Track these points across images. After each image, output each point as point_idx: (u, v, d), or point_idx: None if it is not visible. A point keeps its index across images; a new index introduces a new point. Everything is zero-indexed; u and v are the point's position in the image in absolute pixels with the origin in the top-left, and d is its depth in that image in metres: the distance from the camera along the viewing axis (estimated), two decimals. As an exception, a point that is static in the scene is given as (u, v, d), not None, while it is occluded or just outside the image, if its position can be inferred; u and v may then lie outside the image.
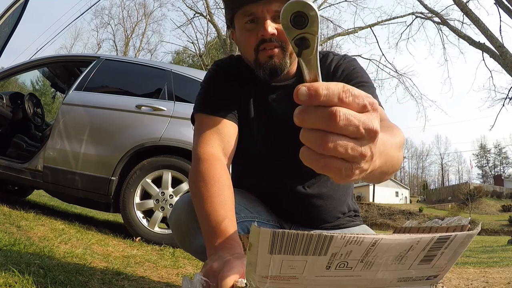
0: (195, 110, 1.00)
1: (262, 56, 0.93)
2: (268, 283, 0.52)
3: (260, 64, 0.94)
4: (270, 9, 0.90)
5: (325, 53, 1.06)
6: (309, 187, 1.07)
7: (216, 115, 0.96)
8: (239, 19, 0.94)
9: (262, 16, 0.91)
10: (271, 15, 0.91)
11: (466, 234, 0.55)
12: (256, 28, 0.92)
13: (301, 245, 0.47)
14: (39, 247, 1.69)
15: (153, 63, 3.51)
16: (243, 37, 0.95)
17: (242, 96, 1.02)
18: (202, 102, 1.00)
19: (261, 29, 0.91)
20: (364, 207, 34.26)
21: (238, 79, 1.03)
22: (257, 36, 0.92)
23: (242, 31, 0.95)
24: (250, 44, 0.94)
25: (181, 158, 2.81)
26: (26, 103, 3.72)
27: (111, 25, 31.15)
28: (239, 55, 1.09)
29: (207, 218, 0.78)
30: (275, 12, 0.91)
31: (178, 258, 2.27)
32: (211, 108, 0.97)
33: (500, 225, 28.00)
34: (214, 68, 1.06)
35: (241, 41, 0.97)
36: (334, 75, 0.99)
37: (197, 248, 0.96)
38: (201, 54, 19.51)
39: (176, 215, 0.99)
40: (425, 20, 13.44)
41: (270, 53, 0.92)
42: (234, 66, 1.06)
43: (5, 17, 2.95)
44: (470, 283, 2.09)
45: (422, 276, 0.60)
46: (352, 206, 1.18)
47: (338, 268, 0.52)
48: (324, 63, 1.02)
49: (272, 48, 0.92)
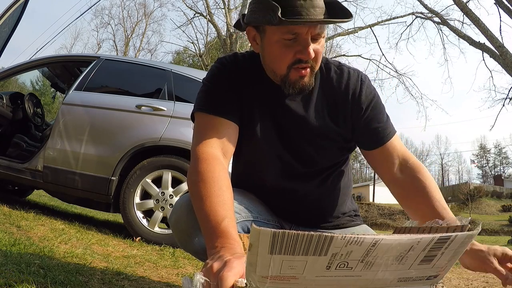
0: (196, 109, 1.00)
1: (294, 75, 0.94)
2: (268, 283, 0.52)
3: (290, 81, 0.95)
4: (314, 32, 0.90)
5: (338, 66, 1.06)
6: (310, 187, 1.08)
7: (217, 115, 0.95)
8: (278, 32, 0.91)
9: (305, 37, 0.90)
10: (312, 36, 0.91)
11: (466, 235, 0.55)
12: (294, 45, 0.91)
13: (301, 246, 0.47)
14: (39, 247, 1.69)
15: (153, 63, 3.51)
16: (278, 51, 0.93)
17: (246, 96, 1.01)
18: (203, 100, 0.99)
19: (302, 50, 0.90)
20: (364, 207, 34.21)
21: (242, 78, 1.02)
22: (294, 55, 0.92)
23: (279, 44, 0.92)
24: (285, 60, 0.93)
25: (181, 158, 2.81)
26: (26, 103, 3.72)
27: (111, 25, 31.14)
28: (244, 54, 1.08)
29: (206, 218, 0.78)
30: (317, 34, 0.91)
31: (178, 258, 2.27)
32: (212, 108, 0.96)
33: (500, 225, 27.99)
34: (217, 66, 1.04)
35: (273, 53, 0.95)
36: (358, 101, 1.01)
37: (197, 248, 0.96)
38: (201, 54, 19.50)
39: (176, 215, 0.99)
40: (425, 20, 13.44)
41: (303, 74, 0.94)
42: (240, 64, 1.05)
43: (5, 17, 2.95)
44: (470, 283, 2.09)
45: (422, 276, 0.60)
46: (351, 206, 1.19)
47: (339, 268, 0.52)
48: (340, 80, 1.02)
49: (306, 69, 0.94)
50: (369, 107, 1.01)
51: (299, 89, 0.95)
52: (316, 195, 1.09)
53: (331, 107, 1.03)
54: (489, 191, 40.75)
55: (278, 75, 0.97)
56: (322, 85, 1.03)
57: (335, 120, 1.03)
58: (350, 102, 1.01)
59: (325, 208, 1.12)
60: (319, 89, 1.03)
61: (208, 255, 0.71)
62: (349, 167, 1.19)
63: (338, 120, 1.03)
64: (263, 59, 1.01)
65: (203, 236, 0.78)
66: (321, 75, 1.04)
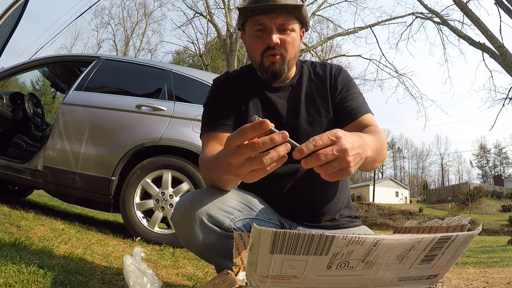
0: (201, 132, 1.14)
1: (266, 61, 1.10)
2: (268, 282, 0.52)
3: (264, 67, 1.10)
4: (277, 21, 1.07)
5: (322, 63, 1.25)
6: (306, 184, 1.10)
7: (216, 131, 1.10)
8: (250, 26, 1.11)
9: (269, 27, 1.07)
10: (276, 27, 1.07)
11: (467, 235, 0.55)
12: (263, 36, 1.08)
13: (302, 245, 0.47)
14: (39, 247, 1.69)
15: (153, 63, 3.50)
16: (252, 42, 1.11)
17: (243, 102, 1.15)
18: (204, 123, 1.14)
19: (268, 38, 1.07)
20: (364, 207, 34.23)
21: (236, 88, 1.17)
22: (264, 43, 1.08)
23: (252, 37, 1.11)
24: (257, 49, 1.10)
25: (181, 158, 2.81)
26: (26, 103, 3.72)
27: (111, 25, 31.16)
28: (235, 69, 1.28)
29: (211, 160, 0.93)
30: (280, 24, 1.07)
31: (178, 258, 2.27)
32: (212, 127, 1.11)
33: (500, 225, 27.99)
34: (212, 88, 1.20)
35: (250, 45, 1.13)
36: (335, 83, 1.17)
37: (199, 247, 0.97)
38: (201, 54, 19.50)
39: (178, 213, 1.00)
40: (425, 20, 13.42)
41: (272, 60, 1.09)
42: (232, 79, 1.21)
43: (5, 17, 2.95)
44: (470, 283, 2.09)
45: (423, 275, 0.60)
46: (351, 210, 1.21)
47: (339, 268, 0.52)
48: (325, 72, 1.19)
49: (275, 55, 1.08)
50: (344, 88, 1.16)
51: (271, 73, 1.10)
52: (314, 191, 1.11)
53: (320, 94, 1.16)
54: (489, 191, 40.76)
55: (256, 64, 1.13)
56: (310, 77, 1.20)
57: (324, 105, 1.15)
58: (331, 83, 1.17)
59: (324, 205, 1.13)
60: (308, 81, 1.19)
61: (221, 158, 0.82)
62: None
63: (328, 106, 1.15)
64: (248, 55, 1.18)
65: (216, 168, 0.89)
66: (308, 71, 1.21)
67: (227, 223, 0.96)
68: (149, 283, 0.84)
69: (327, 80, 1.17)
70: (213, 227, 0.95)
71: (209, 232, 0.95)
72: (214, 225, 0.95)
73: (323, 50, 18.13)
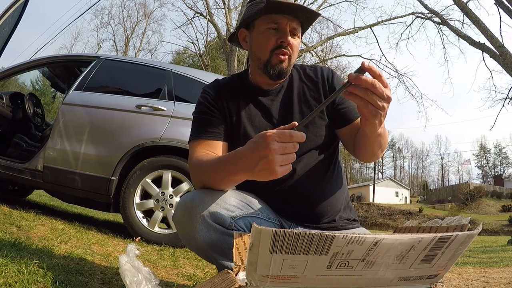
0: (189, 139, 1.16)
1: (275, 59, 1.11)
2: (268, 282, 0.52)
3: (272, 64, 1.11)
4: (292, 25, 1.10)
5: (311, 66, 1.27)
6: (304, 185, 1.10)
7: (204, 138, 1.12)
8: (263, 23, 1.11)
9: (284, 27, 1.09)
10: (290, 29, 1.10)
11: (467, 234, 0.55)
12: (276, 34, 1.10)
13: (302, 245, 0.47)
14: (39, 247, 1.69)
15: (153, 63, 3.50)
16: (263, 37, 1.11)
17: (233, 107, 1.18)
18: (193, 131, 1.16)
19: (283, 37, 1.09)
20: (364, 207, 34.24)
21: (226, 95, 1.19)
22: (276, 41, 1.09)
23: (264, 32, 1.11)
24: (268, 45, 1.10)
25: (181, 158, 2.81)
26: (26, 103, 3.72)
27: (111, 25, 31.15)
28: (225, 77, 1.30)
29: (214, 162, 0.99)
30: (293, 28, 1.10)
31: (178, 258, 2.27)
32: (200, 134, 1.14)
33: (500, 225, 27.99)
34: (201, 96, 1.21)
35: (259, 40, 1.13)
36: (332, 84, 1.19)
37: (201, 245, 0.98)
38: (201, 54, 19.50)
39: (180, 212, 1.00)
40: (425, 20, 13.42)
41: (281, 58, 1.11)
42: (221, 86, 1.22)
43: (5, 17, 2.94)
44: (470, 283, 2.09)
45: (423, 275, 0.60)
46: (350, 213, 1.21)
47: (339, 268, 0.52)
48: (316, 74, 1.22)
49: (284, 55, 1.10)
50: (338, 81, 1.19)
51: (278, 71, 1.11)
52: (311, 190, 1.11)
53: (313, 95, 1.19)
54: (489, 191, 40.75)
55: (262, 60, 1.13)
56: (301, 79, 1.22)
57: (317, 105, 1.16)
58: (326, 85, 1.19)
59: (321, 206, 1.13)
60: (300, 83, 1.21)
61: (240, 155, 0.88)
62: (342, 170, 1.22)
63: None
64: (250, 53, 1.18)
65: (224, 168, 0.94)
66: (298, 73, 1.23)
67: (228, 221, 0.97)
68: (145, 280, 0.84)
69: (319, 81, 1.19)
70: (215, 225, 0.96)
71: (210, 230, 0.96)
72: (215, 222, 0.96)
73: (323, 50, 18.14)
